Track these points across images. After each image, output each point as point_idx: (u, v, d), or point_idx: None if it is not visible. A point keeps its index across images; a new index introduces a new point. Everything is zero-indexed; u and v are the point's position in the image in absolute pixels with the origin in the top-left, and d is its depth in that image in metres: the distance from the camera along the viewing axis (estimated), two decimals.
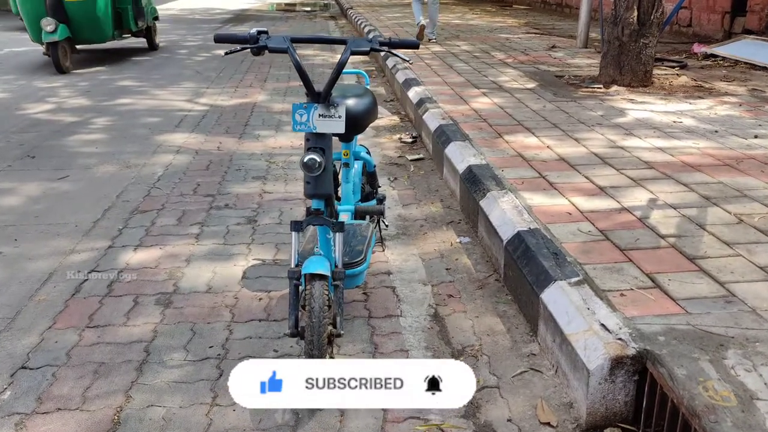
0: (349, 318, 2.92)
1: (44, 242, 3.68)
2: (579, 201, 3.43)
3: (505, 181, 3.73)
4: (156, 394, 2.39)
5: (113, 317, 2.91)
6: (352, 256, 2.69)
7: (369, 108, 3.08)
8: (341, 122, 2.36)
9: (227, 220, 4.00)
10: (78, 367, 2.55)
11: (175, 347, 2.69)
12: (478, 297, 3.08)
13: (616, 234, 3.02)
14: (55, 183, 4.68)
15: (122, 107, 7.06)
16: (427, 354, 2.65)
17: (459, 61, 8.03)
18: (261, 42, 2.39)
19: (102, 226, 3.91)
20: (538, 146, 4.44)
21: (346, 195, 3.17)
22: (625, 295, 2.48)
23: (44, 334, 2.77)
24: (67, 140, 5.76)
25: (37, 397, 2.37)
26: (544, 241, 2.94)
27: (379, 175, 4.77)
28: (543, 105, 5.63)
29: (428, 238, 3.73)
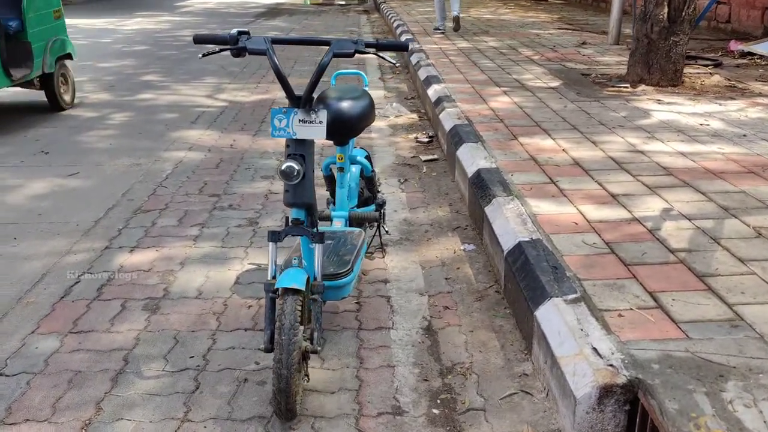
0: (338, 329, 2.81)
1: (43, 242, 3.65)
2: (588, 210, 3.25)
3: (512, 187, 3.56)
4: (127, 407, 2.32)
5: (98, 323, 2.85)
6: (338, 267, 2.57)
7: (364, 111, 2.95)
8: (322, 128, 2.24)
9: (228, 222, 3.93)
10: (54, 375, 2.49)
11: (155, 356, 2.61)
12: (475, 310, 2.94)
13: (623, 247, 2.85)
14: (65, 180, 4.67)
15: (142, 102, 7.07)
16: (413, 371, 2.52)
17: (484, 58, 7.84)
18: (240, 43, 2.28)
19: (102, 226, 3.87)
20: (554, 149, 4.26)
21: (340, 201, 3.06)
22: (623, 315, 2.32)
23: (26, 339, 2.73)
24: (83, 136, 5.76)
25: (7, 406, 2.32)
26: (545, 253, 2.78)
27: (390, 175, 4.67)
28: (564, 105, 5.43)
29: (431, 245, 3.59)
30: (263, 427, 2.23)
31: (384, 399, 2.36)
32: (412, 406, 2.33)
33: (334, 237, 2.85)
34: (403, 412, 2.30)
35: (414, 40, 9.32)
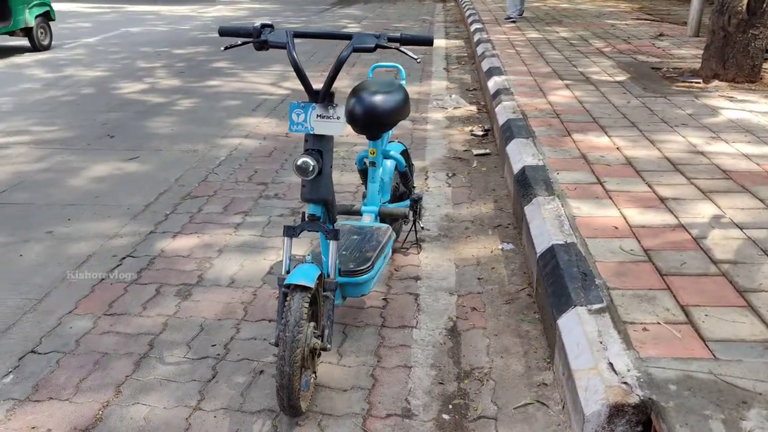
0: (360, 325, 2.79)
1: (94, 224, 3.80)
2: (631, 213, 3.09)
3: (556, 186, 3.44)
4: (145, 392, 2.38)
5: (131, 306, 2.94)
6: (359, 263, 2.55)
7: (397, 105, 2.90)
8: (339, 124, 2.22)
9: (271, 211, 3.97)
10: (82, 356, 2.58)
11: (179, 343, 2.67)
12: (503, 313, 2.85)
13: (661, 255, 2.69)
14: (124, 163, 4.85)
15: (209, 89, 7.24)
16: (430, 373, 2.47)
17: (552, 49, 7.60)
18: (263, 36, 2.28)
19: (151, 210, 3.98)
20: (607, 147, 4.08)
21: (371, 195, 3.03)
22: (648, 329, 2.19)
23: (63, 318, 2.84)
24: (148, 121, 5.95)
25: (34, 383, 2.42)
26: (577, 258, 2.67)
27: (439, 169, 4.60)
28: (627, 101, 5.19)
29: (469, 243, 3.52)
30: (271, 421, 2.24)
31: (395, 400, 2.33)
32: (422, 409, 2.29)
33: (361, 232, 2.82)
34: (413, 415, 2.26)
35: (483, 30, 9.15)
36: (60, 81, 7.74)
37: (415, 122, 5.80)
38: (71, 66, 8.67)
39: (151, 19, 13.50)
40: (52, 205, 4.07)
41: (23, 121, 5.97)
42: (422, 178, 4.46)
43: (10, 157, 5.01)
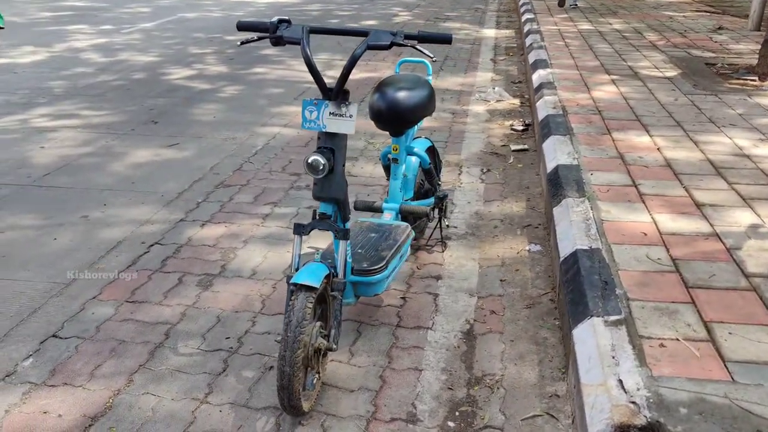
0: (376, 324, 2.77)
1: (127, 209, 3.87)
2: (663, 219, 2.97)
3: (588, 187, 3.33)
4: (156, 382, 2.41)
5: (153, 294, 2.98)
6: (372, 263, 2.51)
7: (420, 102, 2.85)
8: (351, 123, 2.19)
9: (301, 202, 3.97)
10: (100, 343, 2.64)
11: (194, 333, 2.70)
12: (522, 318, 2.78)
13: (690, 266, 2.57)
14: (164, 150, 4.93)
15: (254, 76, 7.29)
16: (440, 377, 2.43)
17: (603, 42, 7.37)
18: (279, 32, 2.26)
19: (184, 198, 4.04)
20: (647, 147, 3.93)
21: (392, 193, 2.99)
22: (666, 346, 2.09)
23: (86, 304, 2.91)
24: (192, 107, 6.04)
25: (52, 368, 2.49)
26: (600, 265, 2.57)
27: (474, 164, 4.52)
28: (675, 98, 4.99)
29: (496, 242, 3.44)
30: (275, 418, 2.24)
31: (401, 404, 2.30)
32: (428, 415, 2.25)
33: (379, 230, 2.79)
34: (417, 420, 2.23)
35: (534, 20, 8.94)
36: (113, 66, 7.92)
37: (456, 115, 5.72)
38: (126, 51, 8.86)
39: (208, 5, 13.67)
40: (91, 190, 4.17)
41: (73, 105, 6.14)
42: (456, 173, 4.39)
43: (57, 140, 5.15)
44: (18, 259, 3.31)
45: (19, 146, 4.99)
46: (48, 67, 7.87)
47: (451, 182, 4.23)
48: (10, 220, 3.75)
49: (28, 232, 3.60)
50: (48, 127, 5.47)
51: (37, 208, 3.89)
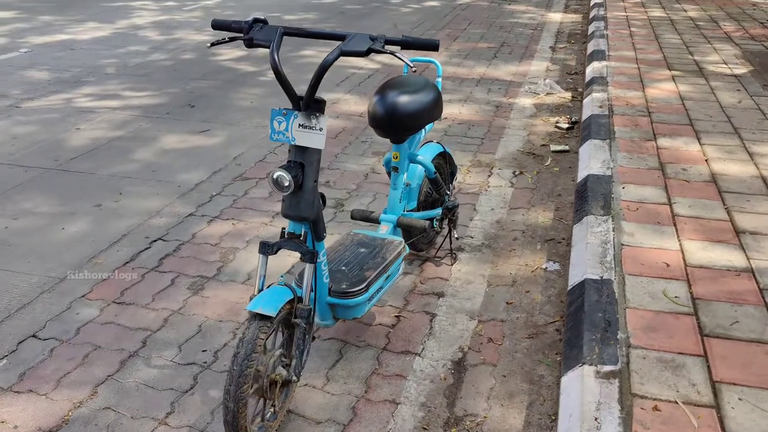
0: (361, 345, 2.58)
1: (141, 200, 3.81)
2: (693, 247, 2.64)
3: (616, 204, 3.02)
4: (119, 396, 2.31)
5: (141, 296, 2.89)
6: (353, 284, 2.32)
7: (423, 107, 2.61)
8: (321, 137, 1.99)
9: None
10: (76, 347, 2.56)
11: (171, 343, 2.59)
12: (521, 349, 2.53)
13: (711, 308, 2.26)
14: (194, 136, 4.86)
15: (301, 59, 7.16)
16: (417, 414, 2.23)
17: (672, 32, 6.83)
18: (251, 33, 2.08)
19: (199, 190, 3.95)
20: (694, 158, 3.55)
21: (391, 203, 2.77)
22: (660, 410, 1.82)
23: (73, 303, 2.84)
24: (232, 91, 5.96)
25: (22, 372, 2.43)
26: (607, 300, 2.29)
27: (507, 165, 4.24)
28: (738, 99, 4.52)
29: (512, 257, 3.18)
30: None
31: None
32: None
33: (370, 245, 2.59)
34: None
35: (602, 5, 8.41)
36: (166, 44, 7.95)
37: (499, 108, 5.41)
38: (182, 29, 8.89)
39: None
40: (112, 177, 4.13)
41: (118, 85, 6.17)
42: (485, 174, 4.12)
43: (94, 121, 5.17)
44: (22, 249, 3.29)
45: (57, 127, 5.03)
46: (105, 44, 7.97)
47: (478, 185, 3.97)
48: (27, 205, 3.75)
49: (40, 219, 3.59)
50: (88, 108, 5.50)
51: (55, 194, 3.88)
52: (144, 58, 7.22)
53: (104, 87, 6.12)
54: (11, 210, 3.70)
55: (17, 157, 4.45)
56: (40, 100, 5.71)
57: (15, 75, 6.53)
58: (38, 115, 5.31)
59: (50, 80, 6.36)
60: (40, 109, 5.47)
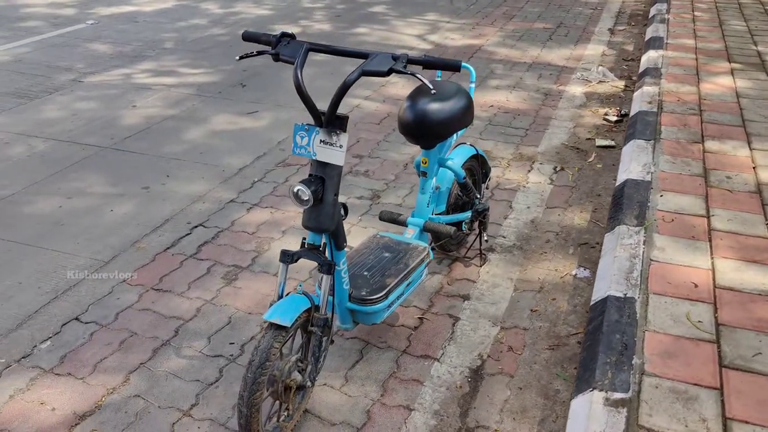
0: (382, 347, 2.64)
1: (186, 184, 3.94)
2: (725, 267, 2.58)
3: (651, 213, 2.96)
4: (149, 384, 2.45)
5: (178, 283, 3.02)
6: (372, 291, 2.37)
7: (453, 115, 2.61)
8: (341, 153, 2.03)
9: (353, 191, 3.86)
10: (114, 332, 2.71)
11: (202, 334, 2.71)
12: (540, 360, 2.55)
13: (735, 336, 2.22)
14: (242, 117, 4.96)
15: (354, 38, 7.15)
16: (429, 422, 2.28)
17: (737, 18, 6.51)
18: (279, 48, 2.12)
19: (242, 175, 4.05)
20: (741, 165, 3.43)
21: (419, 207, 2.80)
22: None
23: (115, 288, 3.00)
24: (283, 71, 6.02)
25: (63, 355, 2.59)
26: (627, 321, 2.28)
27: (548, 160, 4.20)
28: None
29: (541, 261, 3.17)
30: None
31: None
32: None
33: (395, 249, 2.63)
34: None
35: None
36: (225, 19, 8.06)
37: (548, 97, 5.31)
38: (243, 1, 8.98)
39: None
40: (161, 158, 4.28)
41: (176, 61, 6.32)
42: (525, 170, 4.08)
43: (149, 99, 5.33)
44: (73, 229, 3.46)
45: (115, 103, 5.21)
46: (167, 17, 8.15)
47: (516, 181, 3.94)
48: (80, 185, 3.94)
49: (92, 199, 3.76)
50: (146, 84, 5.67)
51: (108, 174, 4.05)
52: (202, 33, 7.36)
53: (162, 63, 6.28)
54: (66, 188, 3.89)
55: (75, 134, 4.65)
56: (102, 75, 5.92)
57: (80, 48, 6.77)
58: (98, 91, 5.51)
59: (112, 54, 6.57)
60: (100, 84, 5.67)
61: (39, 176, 4.02)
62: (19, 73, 5.92)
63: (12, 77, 5.80)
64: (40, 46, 6.78)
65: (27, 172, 4.08)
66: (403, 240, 2.70)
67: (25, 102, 5.21)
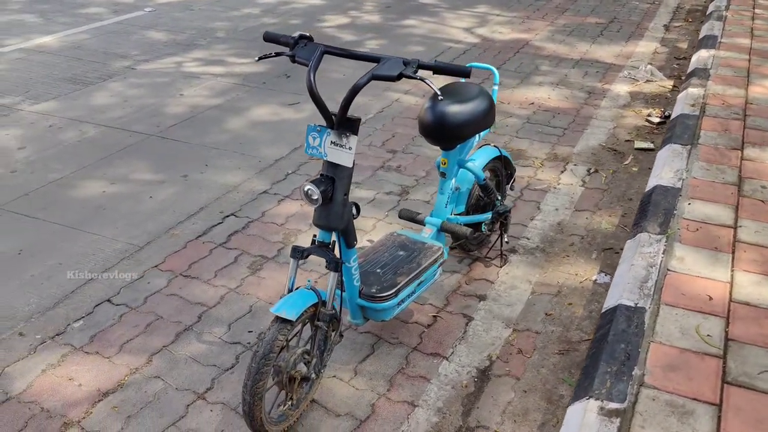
0: (394, 343, 2.71)
1: (223, 174, 4.07)
2: (744, 280, 2.53)
3: (675, 221, 2.92)
4: (169, 366, 2.58)
5: (206, 271, 3.15)
6: (382, 289, 2.43)
7: (473, 117, 2.64)
8: (350, 155, 2.09)
9: (383, 186, 3.92)
10: (142, 315, 2.86)
11: (222, 321, 2.82)
12: (548, 365, 2.56)
13: (743, 352, 2.19)
14: (283, 109, 5.08)
15: (402, 29, 7.18)
16: (431, 419, 2.34)
17: None
18: (296, 49, 2.20)
19: (276, 167, 4.16)
20: None
21: (437, 207, 2.84)
22: None
23: (146, 272, 3.15)
24: (327, 62, 6.09)
25: (93, 334, 2.75)
26: (634, 331, 2.28)
27: (583, 161, 4.16)
28: None
29: (563, 265, 3.17)
30: None
31: None
32: None
33: (410, 248, 2.68)
34: None
35: None
36: (278, 7, 8.19)
37: (591, 95, 5.23)
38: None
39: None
40: (203, 147, 4.43)
41: (223, 51, 6.48)
42: (558, 170, 4.06)
43: (197, 87, 5.50)
44: (114, 215, 3.64)
45: (163, 91, 5.40)
46: (222, 5, 8.34)
47: (547, 181, 3.93)
48: (124, 171, 4.12)
49: (134, 186, 3.94)
50: (195, 73, 5.85)
51: (150, 162, 4.22)
52: (254, 22, 7.50)
53: (212, 51, 6.45)
54: (111, 174, 4.07)
55: (125, 121, 4.84)
56: (154, 63, 6.13)
57: (137, 35, 7.01)
58: (149, 78, 5.71)
59: (166, 42, 6.78)
60: (152, 72, 5.88)
61: (87, 161, 4.22)
62: (77, 59, 6.18)
63: (70, 63, 6.07)
64: (99, 32, 7.05)
65: (77, 156, 4.29)
66: (419, 239, 2.75)
67: (80, 88, 5.45)
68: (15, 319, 2.84)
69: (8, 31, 7.05)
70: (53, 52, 6.39)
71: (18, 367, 2.57)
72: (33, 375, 2.53)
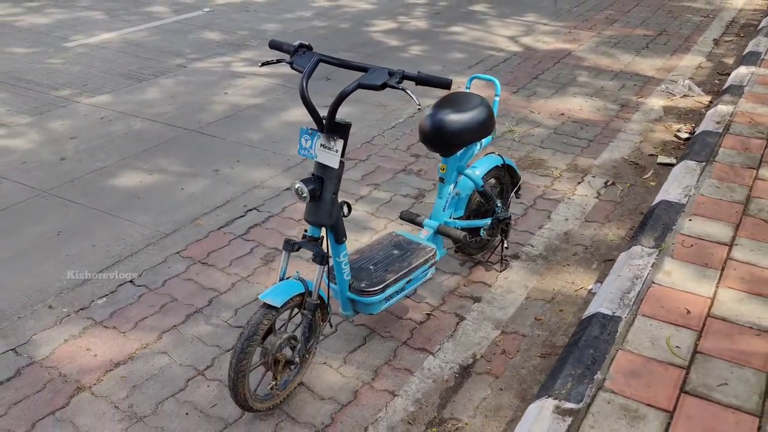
0: (386, 336, 2.86)
1: (252, 170, 4.31)
2: (727, 297, 2.58)
3: (672, 237, 2.97)
4: (176, 343, 2.81)
5: (222, 260, 3.37)
6: (371, 284, 2.59)
7: (471, 125, 2.77)
8: (336, 157, 2.27)
9: (400, 188, 4.08)
10: (158, 296, 3.10)
11: (230, 306, 3.04)
12: (529, 366, 2.67)
13: (708, 365, 2.25)
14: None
15: (447, 36, 7.31)
16: (408, 408, 2.48)
17: None
18: (294, 57, 2.39)
19: (303, 166, 4.37)
20: None
21: (435, 211, 2.97)
22: None
23: (168, 258, 3.40)
24: None
25: (114, 310, 3.00)
26: (605, 338, 2.37)
27: (603, 173, 4.22)
28: None
29: (563, 273, 3.25)
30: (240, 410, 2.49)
31: (356, 425, 2.42)
32: None
33: (405, 247, 2.83)
34: None
35: None
36: (330, 11, 8.45)
37: (624, 108, 5.24)
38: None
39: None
40: (237, 144, 4.68)
41: (270, 52, 6.74)
42: (575, 181, 4.12)
43: (240, 87, 5.78)
44: (146, 203, 3.92)
45: (209, 89, 5.70)
46: (276, 7, 8.65)
47: (563, 192, 4.00)
48: (163, 162, 4.41)
49: (168, 177, 4.21)
50: (241, 72, 6.13)
51: (187, 155, 4.50)
52: (304, 25, 7.76)
53: (260, 52, 6.74)
54: (149, 166, 4.37)
55: (170, 116, 5.15)
56: (205, 62, 6.45)
57: (193, 34, 7.38)
58: (198, 77, 6.03)
59: (219, 42, 7.11)
60: (202, 70, 6.20)
61: (130, 152, 4.53)
62: (135, 56, 6.57)
63: (128, 59, 6.46)
64: (158, 31, 7.45)
65: (121, 148, 4.61)
66: (414, 240, 2.89)
67: (133, 83, 5.81)
68: (47, 292, 3.13)
69: (75, 27, 7.53)
70: (114, 48, 6.81)
71: (44, 335, 2.85)
72: (56, 343, 2.80)
